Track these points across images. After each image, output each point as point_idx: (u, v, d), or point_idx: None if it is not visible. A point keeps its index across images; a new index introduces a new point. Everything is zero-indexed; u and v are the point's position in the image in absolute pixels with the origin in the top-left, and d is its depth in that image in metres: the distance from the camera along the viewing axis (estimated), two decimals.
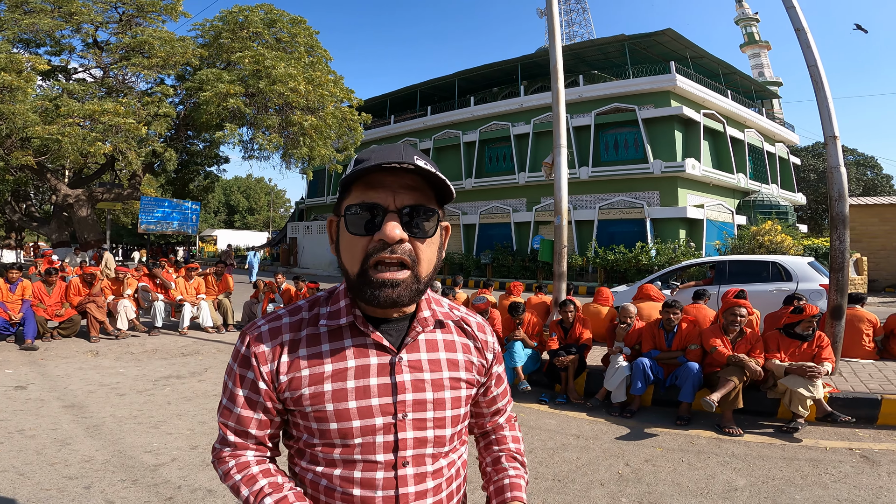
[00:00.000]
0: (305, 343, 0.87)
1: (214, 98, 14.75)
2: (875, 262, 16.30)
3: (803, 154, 33.91)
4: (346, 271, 0.86)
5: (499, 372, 1.06)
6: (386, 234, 0.80)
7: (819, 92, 5.28)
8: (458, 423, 0.93)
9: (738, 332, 4.45)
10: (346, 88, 18.56)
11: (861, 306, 5.76)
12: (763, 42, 52.07)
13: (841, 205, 5.06)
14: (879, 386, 4.38)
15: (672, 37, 20.23)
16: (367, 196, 0.82)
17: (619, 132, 20.45)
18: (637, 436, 3.99)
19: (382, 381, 0.86)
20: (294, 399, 0.85)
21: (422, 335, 0.91)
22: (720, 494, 2.96)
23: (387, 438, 0.85)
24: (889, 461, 3.34)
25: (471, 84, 26.00)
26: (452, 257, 22.45)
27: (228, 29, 16.65)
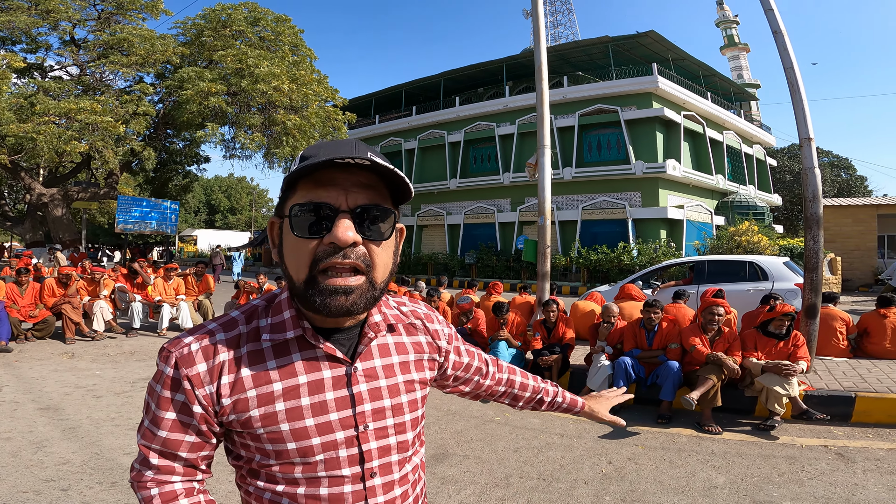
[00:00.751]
0: (247, 361, 0.79)
1: (195, 97, 14.55)
2: (849, 261, 16.76)
3: (779, 155, 34.67)
4: (290, 278, 0.78)
5: (457, 345, 1.04)
6: (338, 237, 0.73)
7: (795, 94, 5.36)
8: (417, 426, 0.91)
9: (717, 331, 4.54)
10: (330, 88, 18.46)
11: (834, 305, 5.91)
12: (742, 44, 53.13)
13: (815, 205, 5.16)
14: (853, 384, 4.49)
15: (655, 39, 20.53)
16: (315, 195, 0.75)
17: (603, 133, 20.68)
18: (619, 434, 4.04)
19: (340, 395, 0.81)
20: (241, 422, 0.79)
21: (374, 341, 0.87)
22: (700, 492, 3.01)
23: (351, 452, 0.82)
24: (864, 458, 3.43)
25: (456, 84, 26.04)
26: (437, 257, 22.46)
27: (211, 27, 16.44)
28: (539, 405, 1.18)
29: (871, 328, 5.59)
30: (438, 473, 3.32)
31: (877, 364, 5.18)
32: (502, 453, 3.66)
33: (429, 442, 3.90)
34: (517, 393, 1.15)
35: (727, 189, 22.38)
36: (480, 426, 4.26)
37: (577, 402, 1.20)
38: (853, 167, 38.90)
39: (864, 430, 3.98)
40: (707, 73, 24.34)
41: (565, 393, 1.19)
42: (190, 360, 0.78)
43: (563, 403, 1.18)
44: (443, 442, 3.89)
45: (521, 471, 3.35)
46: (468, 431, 4.13)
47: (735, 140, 24.02)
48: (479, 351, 1.12)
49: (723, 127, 23.53)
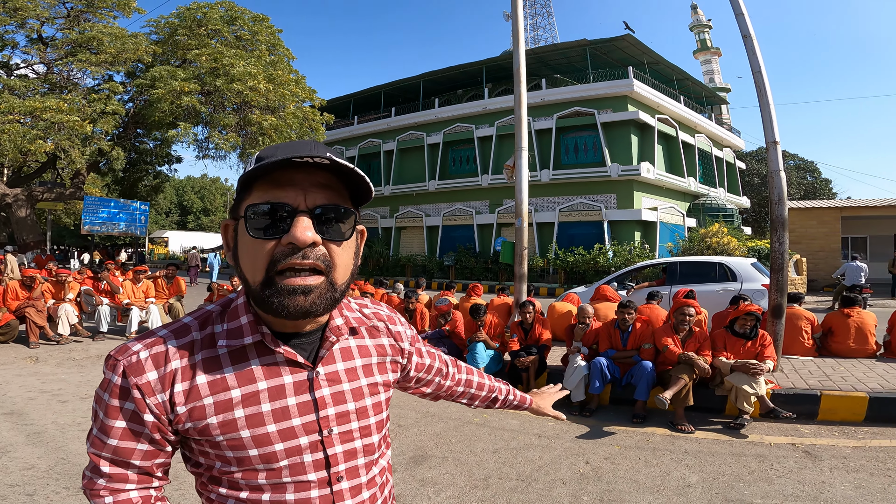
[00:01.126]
0: (203, 368, 0.78)
1: (167, 96, 14.24)
2: (814, 262, 17.36)
3: (748, 159, 35.70)
4: (246, 281, 0.77)
5: (419, 346, 1.06)
6: (296, 237, 0.72)
7: (762, 98, 5.50)
8: (382, 428, 0.91)
9: (688, 332, 4.64)
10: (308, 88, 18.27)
11: (799, 305, 6.11)
12: (714, 49, 54.54)
13: (780, 208, 5.31)
14: (818, 382, 4.64)
15: (631, 42, 20.90)
16: (272, 195, 0.74)
17: (580, 136, 20.97)
18: (596, 434, 4.10)
19: (302, 400, 0.80)
20: (199, 430, 0.77)
21: (336, 345, 0.86)
22: (675, 491, 3.08)
23: (316, 457, 0.81)
24: (830, 456, 3.54)
25: (436, 86, 26.04)
26: (416, 259, 22.41)
27: (185, 26, 16.12)
28: (493, 403, 1.23)
29: (835, 327, 5.80)
30: (417, 476, 3.32)
31: (841, 363, 5.37)
32: (481, 454, 3.67)
33: (407, 444, 3.89)
34: (474, 392, 1.19)
35: (698, 191, 22.94)
36: (459, 428, 4.27)
37: (526, 399, 1.28)
38: (818, 170, 40.25)
39: (830, 427, 4.11)
40: (680, 76, 24.90)
41: (515, 391, 1.26)
42: (139, 369, 0.76)
43: (514, 401, 1.25)
44: (422, 444, 3.89)
45: (500, 472, 3.37)
46: (447, 433, 4.14)
47: (706, 143, 24.64)
48: (439, 352, 1.14)
49: (695, 130, 24.10)
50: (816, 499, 2.92)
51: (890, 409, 4.13)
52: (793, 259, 14.78)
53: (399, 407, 4.88)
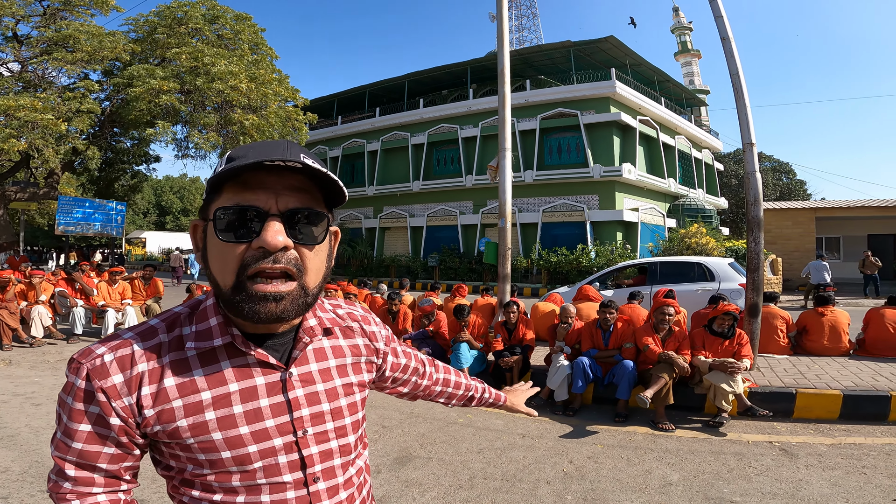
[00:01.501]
0: (171, 371, 0.77)
1: (145, 94, 13.98)
2: (789, 262, 17.77)
3: (726, 160, 36.40)
4: (216, 283, 0.76)
5: (394, 346, 1.05)
6: (267, 241, 0.71)
7: (739, 100, 5.60)
8: (358, 428, 0.91)
9: (668, 331, 4.71)
10: (291, 88, 18.09)
11: (775, 304, 6.25)
12: (695, 51, 55.40)
13: (756, 208, 5.42)
14: (794, 380, 4.75)
15: (614, 44, 21.14)
16: (242, 198, 0.72)
17: (563, 137, 21.15)
18: (579, 433, 4.14)
19: (275, 401, 0.80)
20: (168, 432, 0.76)
21: (309, 346, 0.85)
22: (657, 489, 3.12)
23: (291, 458, 0.81)
24: (806, 454, 3.61)
25: (420, 86, 26.02)
26: (400, 260, 22.36)
27: (165, 24, 15.83)
28: (469, 402, 1.25)
29: (809, 326, 5.94)
30: (402, 477, 3.31)
31: (815, 361, 5.51)
32: (466, 455, 3.68)
33: (392, 445, 3.88)
34: (451, 391, 1.20)
35: (678, 192, 23.32)
36: (443, 428, 4.28)
37: (500, 397, 1.31)
38: (794, 172, 41.21)
39: (806, 425, 4.20)
40: (661, 78, 25.29)
41: (490, 389, 1.29)
42: (103, 372, 0.74)
43: (489, 399, 1.28)
44: (406, 445, 3.88)
45: (485, 472, 3.38)
46: (431, 434, 4.14)
47: (686, 145, 25.06)
48: (416, 351, 1.15)
49: (675, 132, 24.49)
50: (793, 496, 2.97)
51: (863, 406, 4.24)
52: (768, 259, 15.12)
53: (383, 408, 4.87)
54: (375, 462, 3.53)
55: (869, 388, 4.41)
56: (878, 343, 5.66)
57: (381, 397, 5.25)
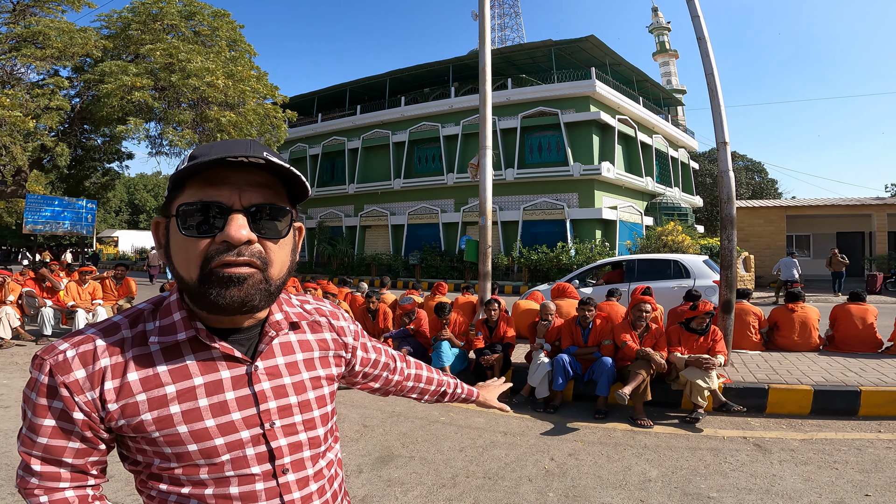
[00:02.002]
0: (134, 366, 0.78)
1: (117, 91, 13.64)
2: (761, 259, 18.25)
3: (701, 159, 37.13)
4: (180, 277, 0.77)
5: (364, 342, 1.07)
6: (230, 235, 0.73)
7: (714, 100, 5.69)
8: (328, 421, 0.92)
9: (645, 328, 4.79)
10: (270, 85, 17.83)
11: (747, 301, 6.40)
12: (672, 51, 56.31)
13: (729, 207, 5.54)
14: (766, 376, 4.86)
15: (594, 43, 21.32)
16: (205, 194, 0.74)
17: (543, 135, 21.29)
18: (560, 430, 4.18)
19: (241, 394, 0.81)
20: (133, 426, 0.77)
21: (276, 340, 0.87)
22: (636, 486, 3.17)
23: (258, 450, 0.82)
24: (779, 449, 3.68)
25: (402, 84, 25.87)
26: (381, 258, 22.25)
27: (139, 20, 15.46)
28: (442, 397, 1.26)
29: (780, 322, 6.11)
30: (384, 476, 3.30)
31: (787, 356, 5.66)
32: (448, 453, 3.69)
33: (374, 444, 3.87)
34: (423, 387, 1.22)
35: (655, 191, 23.71)
36: (425, 427, 4.28)
37: (473, 392, 1.32)
38: (766, 171, 42.26)
39: (778, 420, 4.30)
40: (640, 78, 25.61)
41: (463, 385, 1.30)
42: (66, 367, 0.76)
43: (461, 394, 1.29)
44: (388, 444, 3.88)
45: (467, 470, 3.39)
46: (413, 432, 4.14)
47: (663, 144, 25.47)
48: (386, 347, 1.16)
49: (652, 131, 24.87)
50: (768, 492, 3.03)
51: (833, 401, 4.35)
52: (741, 256, 15.49)
53: (364, 407, 4.85)
54: (357, 461, 3.51)
55: (839, 383, 4.53)
56: (847, 338, 5.84)
57: (362, 396, 5.22)
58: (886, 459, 3.43)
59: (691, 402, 4.33)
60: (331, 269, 22.62)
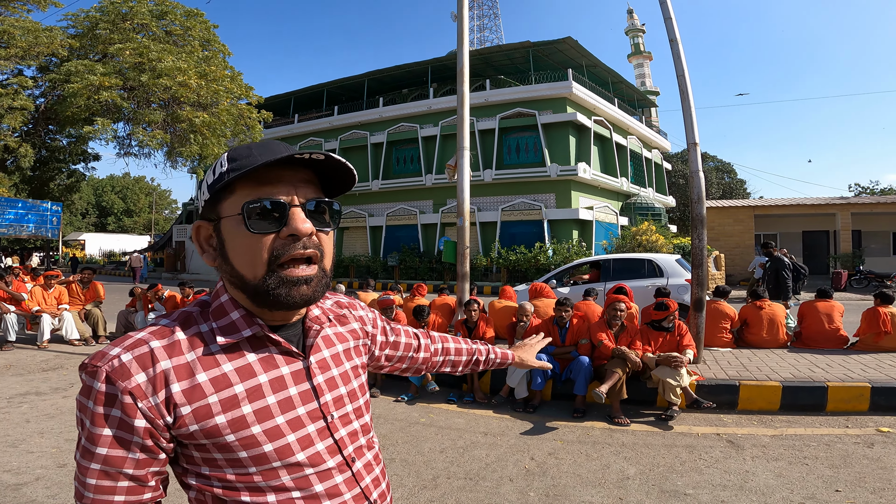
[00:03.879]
0: (201, 366, 0.76)
1: (84, 90, 13.25)
2: (731, 258, 18.76)
3: (674, 160, 37.92)
4: (240, 277, 0.78)
5: (383, 325, 1.10)
6: (298, 228, 0.77)
7: (685, 101, 5.81)
8: (370, 408, 0.96)
9: (620, 326, 4.87)
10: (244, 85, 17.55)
11: (725, 300, 6.56)
12: (647, 53, 57.38)
13: (699, 206, 5.67)
14: (737, 372, 4.97)
15: (571, 45, 21.58)
16: (265, 192, 0.77)
17: (521, 136, 21.45)
18: (540, 430, 4.22)
19: (302, 389, 0.82)
20: (206, 430, 0.75)
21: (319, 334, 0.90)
22: (615, 483, 3.21)
23: (327, 443, 0.83)
24: (751, 445, 3.74)
25: (380, 85, 25.75)
26: (359, 260, 22.10)
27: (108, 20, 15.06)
28: (476, 366, 1.26)
29: (749, 319, 6.28)
30: None
31: (756, 353, 5.82)
32: (428, 454, 3.69)
33: None
34: (454, 359, 1.23)
35: (630, 191, 24.14)
36: (405, 428, 4.27)
37: (508, 355, 1.32)
38: (735, 171, 43.41)
39: (750, 416, 4.38)
40: (615, 79, 26.03)
41: (496, 349, 1.29)
42: (125, 373, 0.73)
43: (496, 359, 1.28)
44: None
45: (448, 471, 3.40)
46: (393, 434, 4.13)
47: (637, 145, 25.95)
48: (408, 327, 1.17)
49: (627, 132, 25.31)
50: (742, 488, 3.08)
51: (801, 397, 4.47)
52: (712, 255, 15.90)
53: None
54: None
55: (806, 379, 4.65)
56: (814, 335, 6.04)
57: None
58: (855, 455, 3.50)
59: (665, 400, 4.41)
60: None
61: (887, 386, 4.38)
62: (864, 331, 5.83)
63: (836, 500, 2.89)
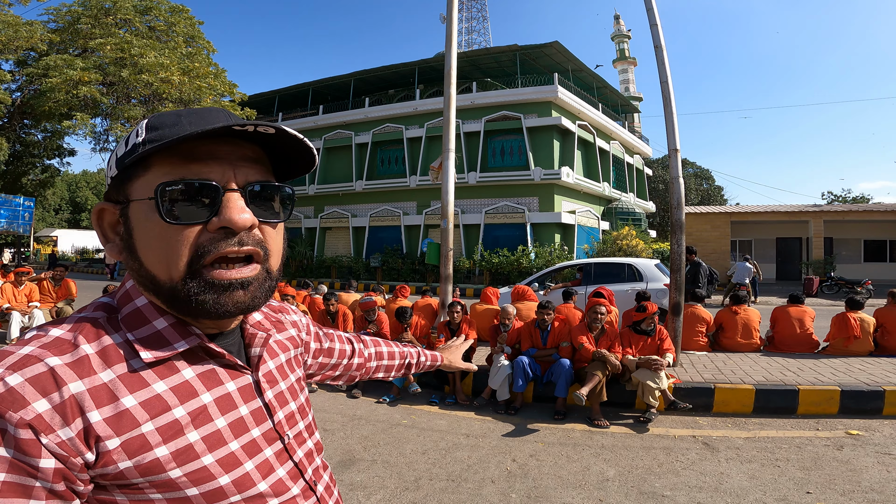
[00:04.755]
0: (125, 388, 0.59)
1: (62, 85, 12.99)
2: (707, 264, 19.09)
3: (655, 166, 38.60)
4: (152, 277, 0.62)
5: (316, 331, 1.00)
6: (233, 220, 0.61)
7: (667, 108, 5.89)
8: (316, 423, 0.85)
9: (601, 329, 4.95)
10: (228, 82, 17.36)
11: (701, 305, 6.70)
12: (631, 59, 58.32)
13: (679, 212, 5.77)
14: (713, 375, 5.08)
15: (558, 49, 21.81)
16: (190, 171, 0.61)
17: (506, 139, 21.59)
18: (521, 432, 4.26)
19: (253, 407, 0.69)
20: (143, 467, 0.58)
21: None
22: (595, 485, 3.26)
23: (287, 467, 0.71)
24: (726, 447, 3.82)
25: (367, 85, 25.66)
26: (341, 260, 21.96)
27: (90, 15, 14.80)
28: (408, 370, 1.21)
29: (725, 323, 6.43)
30: (346, 480, 3.28)
31: (731, 357, 5.96)
32: (410, 456, 3.69)
33: (334, 448, 3.84)
34: (387, 363, 1.16)
35: (612, 196, 24.48)
36: (387, 430, 4.27)
37: (437, 358, 1.29)
38: (713, 178, 44.39)
39: (724, 419, 4.48)
40: (600, 84, 26.39)
41: (426, 352, 1.26)
42: (17, 400, 0.53)
43: (426, 362, 1.25)
44: (349, 448, 3.86)
45: (431, 473, 3.41)
46: (375, 436, 4.12)
47: (619, 150, 26.33)
48: (340, 332, 1.08)
49: (610, 137, 25.66)
50: (717, 490, 3.14)
51: (773, 400, 4.59)
52: None
53: (324, 410, 4.79)
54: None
55: (778, 382, 4.78)
56: (786, 339, 6.21)
57: (322, 400, 5.16)
58: (825, 457, 3.58)
59: (644, 402, 4.49)
60: (289, 271, 22.11)
61: (856, 389, 4.52)
62: (833, 335, 6.01)
63: (807, 502, 2.96)
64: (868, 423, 4.26)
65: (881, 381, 4.70)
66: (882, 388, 4.49)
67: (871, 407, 4.45)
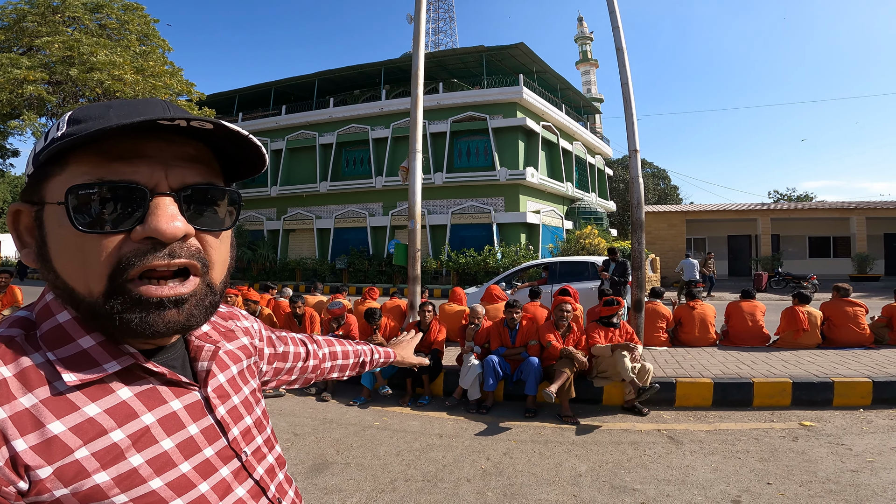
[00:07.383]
0: (51, 413, 0.53)
1: (6, 84, 12.30)
2: (665, 261, 19.84)
3: (615, 166, 39.67)
4: (70, 291, 0.56)
5: (269, 335, 0.94)
6: (160, 229, 0.54)
7: (627, 109, 6.07)
8: (276, 436, 0.80)
9: (567, 327, 5.07)
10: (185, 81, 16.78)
11: (660, 301, 6.96)
12: (593, 60, 59.68)
13: (639, 211, 5.98)
14: (673, 370, 5.26)
15: (523, 51, 22.06)
16: (111, 171, 0.54)
17: (472, 140, 21.73)
18: (494, 431, 4.32)
19: (204, 425, 0.64)
20: (81, 495, 0.53)
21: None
22: (568, 481, 3.33)
23: (247, 486, 0.68)
24: (689, 441, 3.92)
25: (332, 85, 25.27)
26: (306, 263, 21.59)
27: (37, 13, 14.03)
28: (363, 367, 1.21)
29: (683, 319, 6.69)
30: (321, 484, 3.26)
31: (690, 352, 6.19)
32: (385, 458, 3.69)
33: (306, 452, 3.81)
34: (342, 363, 1.14)
35: (575, 196, 25.02)
36: (359, 432, 4.26)
37: (390, 354, 1.30)
38: (668, 177, 45.99)
39: (686, 413, 4.64)
40: (563, 86, 26.87)
41: (378, 349, 1.26)
42: None
43: (380, 359, 1.26)
44: (322, 451, 3.83)
45: (406, 474, 3.42)
46: (347, 439, 4.10)
47: (582, 150, 26.93)
48: (292, 334, 1.04)
49: (573, 138, 26.20)
50: (684, 482, 3.23)
51: (731, 393, 4.77)
52: (648, 258, 16.77)
53: (294, 415, 4.73)
54: (290, 471, 3.40)
55: (734, 375, 4.98)
56: (740, 333, 6.52)
57: (291, 404, 5.09)
58: (782, 448, 3.70)
59: (622, 377, 4.53)
60: (251, 274, 21.58)
61: (806, 381, 4.73)
62: (783, 329, 6.34)
63: (768, 493, 3.06)
64: (819, 413, 4.44)
65: (830, 373, 4.89)
66: (831, 380, 4.68)
67: (822, 398, 4.64)
